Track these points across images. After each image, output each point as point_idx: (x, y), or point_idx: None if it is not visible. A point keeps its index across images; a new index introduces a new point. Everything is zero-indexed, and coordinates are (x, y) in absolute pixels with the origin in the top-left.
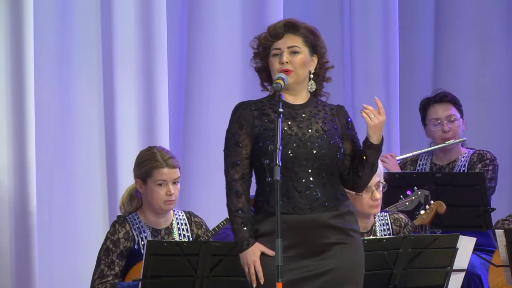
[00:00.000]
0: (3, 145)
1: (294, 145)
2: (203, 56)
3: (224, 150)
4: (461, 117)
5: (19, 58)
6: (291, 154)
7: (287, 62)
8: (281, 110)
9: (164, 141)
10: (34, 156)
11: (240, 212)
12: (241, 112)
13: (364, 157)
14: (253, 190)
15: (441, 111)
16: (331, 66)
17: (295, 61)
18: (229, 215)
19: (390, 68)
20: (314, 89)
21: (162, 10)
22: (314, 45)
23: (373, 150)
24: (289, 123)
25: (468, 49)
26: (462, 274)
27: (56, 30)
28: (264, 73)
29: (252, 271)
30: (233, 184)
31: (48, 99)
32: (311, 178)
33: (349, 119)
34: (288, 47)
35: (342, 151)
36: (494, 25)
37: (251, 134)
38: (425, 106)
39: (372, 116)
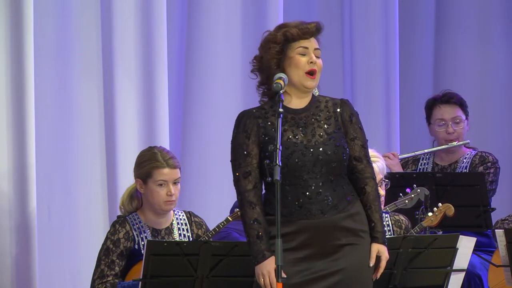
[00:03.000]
0: (3, 145)
1: (300, 153)
2: (203, 56)
3: (233, 161)
4: (466, 118)
5: (19, 58)
6: (298, 163)
7: (315, 63)
8: (281, 110)
9: (164, 141)
10: (34, 156)
11: (255, 223)
12: (245, 122)
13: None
14: None
15: (447, 112)
16: None
17: (318, 64)
18: (244, 227)
19: (390, 68)
20: (317, 93)
21: (162, 10)
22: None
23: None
24: (293, 130)
25: (469, 49)
26: (462, 274)
27: (56, 30)
28: (277, 70)
29: (267, 281)
30: (246, 195)
31: (48, 99)
32: (320, 183)
33: (352, 115)
34: (315, 49)
35: (347, 151)
36: (495, 24)
37: (257, 142)
38: (431, 105)
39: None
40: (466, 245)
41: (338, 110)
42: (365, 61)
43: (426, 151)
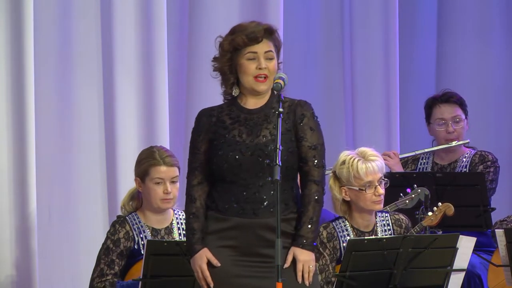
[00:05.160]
0: (3, 145)
1: (239, 152)
2: (203, 55)
3: (188, 157)
4: (466, 118)
5: (19, 58)
6: (237, 162)
7: (264, 68)
8: (281, 110)
9: (164, 141)
10: (34, 156)
11: (192, 217)
12: (200, 119)
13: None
14: None
15: (447, 111)
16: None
17: (270, 67)
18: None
19: (390, 67)
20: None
21: (162, 10)
22: (279, 50)
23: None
24: (241, 129)
25: (469, 49)
26: (462, 274)
27: (56, 30)
28: (231, 75)
29: (200, 275)
30: (190, 189)
31: (48, 99)
32: (259, 184)
33: (303, 116)
34: (265, 52)
35: (294, 155)
36: (495, 24)
37: (207, 139)
38: (431, 105)
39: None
40: (466, 245)
41: (291, 111)
42: (365, 61)
43: (426, 150)
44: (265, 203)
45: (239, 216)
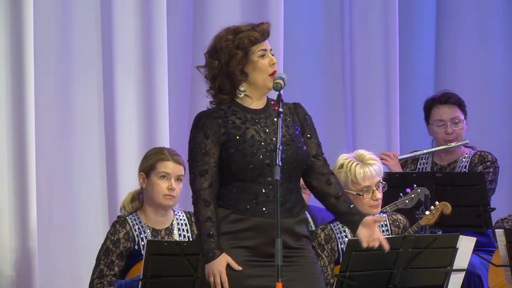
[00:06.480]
0: (3, 145)
1: (264, 151)
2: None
3: (190, 161)
4: (465, 118)
5: (19, 58)
6: (263, 161)
7: (276, 63)
8: (281, 109)
9: (164, 142)
10: (34, 156)
11: (208, 221)
12: (204, 122)
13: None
14: None
15: (445, 113)
16: None
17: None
18: (196, 224)
19: (390, 68)
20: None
21: (162, 10)
22: None
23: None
24: (256, 129)
25: (469, 49)
26: (462, 274)
27: (56, 30)
28: (242, 76)
29: (218, 281)
30: (202, 193)
31: (48, 99)
32: (279, 182)
33: (306, 115)
34: (270, 50)
35: (306, 153)
36: (495, 24)
37: (217, 142)
38: (430, 106)
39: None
40: (466, 245)
41: (294, 113)
42: (365, 61)
43: (425, 151)
44: (284, 204)
45: (261, 216)
